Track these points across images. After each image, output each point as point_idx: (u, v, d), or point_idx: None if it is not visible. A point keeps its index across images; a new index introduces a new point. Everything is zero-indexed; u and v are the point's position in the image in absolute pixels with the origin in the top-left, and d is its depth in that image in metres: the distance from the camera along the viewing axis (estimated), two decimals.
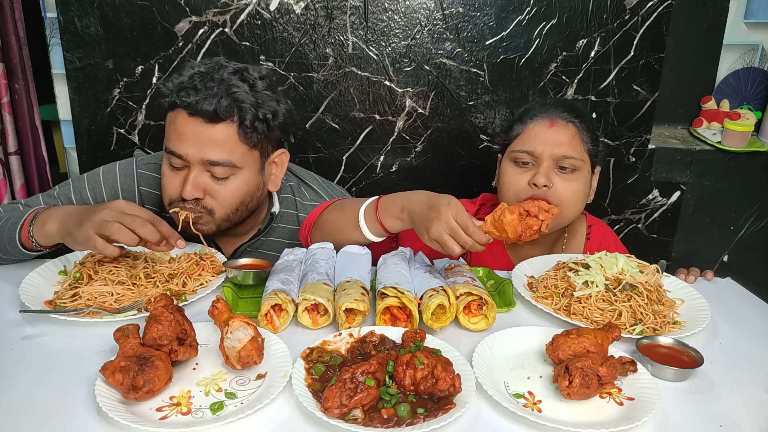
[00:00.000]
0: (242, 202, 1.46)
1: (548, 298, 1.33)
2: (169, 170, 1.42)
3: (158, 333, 1.00)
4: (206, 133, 1.35)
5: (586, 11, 2.11)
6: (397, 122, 2.23)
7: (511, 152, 1.58)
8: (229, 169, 1.40)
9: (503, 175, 1.60)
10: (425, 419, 0.92)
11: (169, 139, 1.39)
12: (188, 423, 0.90)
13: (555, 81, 2.19)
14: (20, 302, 1.21)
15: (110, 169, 1.58)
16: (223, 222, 1.46)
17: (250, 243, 1.62)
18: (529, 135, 1.55)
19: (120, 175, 1.56)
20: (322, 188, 1.69)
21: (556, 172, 1.53)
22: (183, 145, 1.37)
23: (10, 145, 2.25)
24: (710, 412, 1.01)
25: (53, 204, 1.52)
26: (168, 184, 1.42)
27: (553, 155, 1.52)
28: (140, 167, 1.58)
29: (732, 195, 2.39)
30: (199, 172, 1.38)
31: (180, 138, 1.37)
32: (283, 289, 1.21)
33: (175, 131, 1.38)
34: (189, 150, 1.36)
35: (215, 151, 1.36)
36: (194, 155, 1.36)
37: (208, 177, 1.40)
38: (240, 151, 1.40)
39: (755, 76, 2.55)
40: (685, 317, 1.30)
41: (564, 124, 1.54)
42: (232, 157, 1.39)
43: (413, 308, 1.18)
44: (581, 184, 1.55)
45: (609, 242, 1.73)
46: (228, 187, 1.41)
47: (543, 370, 1.10)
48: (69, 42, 2.06)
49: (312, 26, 2.09)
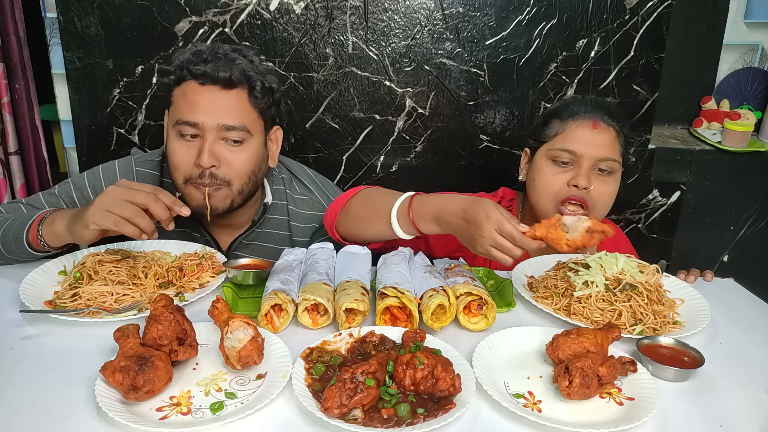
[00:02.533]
0: (253, 171, 1.49)
1: (548, 298, 1.33)
2: (180, 144, 1.43)
3: (158, 333, 1.00)
4: (221, 99, 1.40)
5: (586, 11, 2.11)
6: (397, 122, 2.23)
7: (550, 150, 1.58)
8: (243, 134, 1.43)
9: (540, 173, 1.59)
10: (425, 419, 0.92)
11: (181, 111, 1.41)
12: (188, 423, 0.90)
13: (555, 81, 2.19)
14: (20, 302, 1.21)
15: (110, 167, 1.61)
16: (237, 195, 1.48)
17: (245, 235, 1.62)
18: (570, 135, 1.56)
19: (120, 172, 1.59)
20: (313, 183, 1.70)
21: (595, 173, 1.54)
22: (198, 113, 1.39)
23: (10, 145, 2.25)
24: (710, 412, 1.01)
25: (54, 202, 1.57)
26: (181, 159, 1.43)
27: (594, 157, 1.53)
28: (138, 165, 1.61)
29: (732, 195, 2.39)
30: (214, 139, 1.41)
31: (194, 107, 1.39)
32: (283, 289, 1.21)
33: (186, 102, 1.41)
34: (205, 117, 1.39)
35: (230, 115, 1.41)
36: (210, 121, 1.39)
37: (223, 145, 1.43)
38: (251, 117, 1.45)
39: (755, 76, 2.55)
40: (685, 317, 1.30)
41: (605, 127, 1.55)
42: (246, 122, 1.43)
43: (413, 308, 1.18)
44: (615, 187, 1.58)
45: (621, 243, 1.73)
46: (241, 155, 1.45)
47: (543, 370, 1.10)
48: (69, 42, 2.06)
49: (312, 26, 2.09)
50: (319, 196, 1.68)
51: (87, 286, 1.26)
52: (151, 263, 1.36)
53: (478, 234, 1.16)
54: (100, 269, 1.30)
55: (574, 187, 1.52)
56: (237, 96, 1.42)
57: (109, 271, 1.30)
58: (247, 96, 1.44)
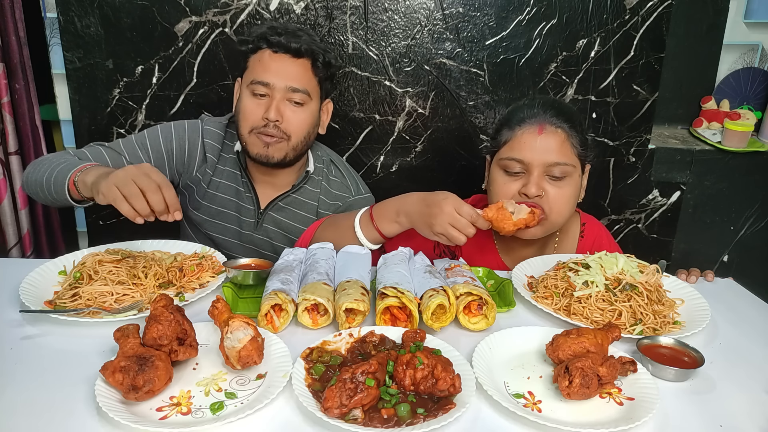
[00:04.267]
0: (308, 132, 1.72)
1: (548, 298, 1.33)
2: (252, 101, 1.67)
3: (158, 333, 1.00)
4: (290, 65, 1.65)
5: (586, 11, 2.11)
6: (397, 122, 2.23)
7: (500, 159, 1.54)
8: (305, 96, 1.67)
9: (493, 183, 1.57)
10: (425, 419, 0.92)
11: (256, 73, 1.66)
12: (188, 423, 0.90)
13: (555, 81, 2.19)
14: (20, 302, 1.21)
15: (180, 124, 1.80)
16: (292, 150, 1.70)
17: (283, 197, 1.80)
18: (518, 142, 1.51)
19: (188, 129, 1.78)
20: (347, 171, 1.91)
21: (547, 179, 1.50)
22: (270, 75, 1.64)
23: (10, 145, 2.25)
24: (710, 412, 1.01)
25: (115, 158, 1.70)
26: (251, 111, 1.67)
27: (543, 163, 1.48)
28: (206, 124, 1.81)
29: (732, 195, 2.39)
30: (281, 98, 1.65)
31: (267, 70, 1.65)
32: (283, 289, 1.21)
33: (261, 66, 1.66)
34: (275, 78, 1.64)
35: (296, 80, 1.65)
36: (280, 83, 1.64)
37: (287, 104, 1.66)
38: (312, 83, 1.69)
39: (755, 76, 2.55)
40: (685, 317, 1.30)
41: (553, 131, 1.49)
42: (308, 87, 1.67)
43: (413, 308, 1.18)
44: (572, 189, 1.53)
45: (602, 240, 1.72)
46: (301, 115, 1.68)
47: (543, 370, 1.10)
48: (69, 42, 2.06)
49: (312, 26, 2.09)
50: (349, 181, 1.88)
51: (87, 286, 1.26)
52: (151, 263, 1.36)
53: (438, 212, 1.35)
54: (100, 269, 1.30)
55: (525, 195, 1.50)
56: (303, 64, 1.67)
57: (109, 271, 1.30)
58: (311, 66, 1.68)
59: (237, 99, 1.75)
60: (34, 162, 1.64)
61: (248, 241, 1.81)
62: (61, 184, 1.46)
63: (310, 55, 1.67)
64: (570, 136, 1.50)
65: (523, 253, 1.65)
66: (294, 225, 1.80)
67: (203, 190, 1.79)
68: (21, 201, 2.31)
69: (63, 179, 1.46)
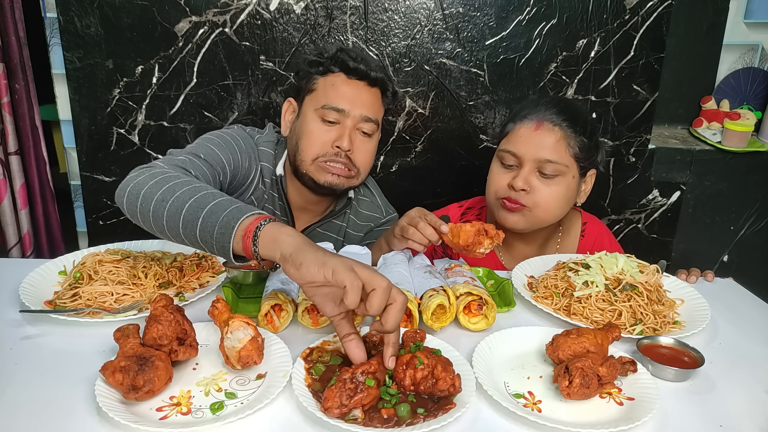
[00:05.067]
0: (372, 163, 1.68)
1: (548, 298, 1.33)
2: (320, 127, 1.57)
3: (158, 333, 1.00)
4: (365, 93, 1.59)
5: (586, 11, 2.11)
6: (397, 122, 2.23)
7: (499, 151, 1.59)
8: (374, 127, 1.61)
9: (490, 172, 1.61)
10: (425, 419, 0.92)
11: (328, 98, 1.57)
12: (188, 423, 0.90)
13: (555, 81, 2.19)
14: (20, 302, 1.21)
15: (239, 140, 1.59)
16: (357, 183, 1.66)
17: (320, 223, 1.75)
18: (515, 136, 1.54)
19: (247, 148, 1.62)
20: (375, 188, 1.85)
21: (537, 175, 1.51)
22: (345, 101, 1.56)
23: (10, 145, 2.25)
24: (710, 412, 1.01)
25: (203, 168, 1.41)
26: (320, 139, 1.57)
27: (535, 159, 1.50)
28: (260, 144, 1.68)
29: (732, 195, 2.39)
30: (352, 127, 1.57)
31: (342, 96, 1.56)
32: (283, 289, 1.21)
33: (335, 90, 1.57)
34: (351, 106, 1.56)
35: (370, 109, 1.59)
36: (355, 110, 1.56)
37: (357, 134, 1.59)
38: (380, 114, 1.65)
39: (755, 76, 2.55)
40: (685, 317, 1.30)
41: (550, 128, 1.50)
42: (378, 117, 1.63)
43: (413, 308, 1.18)
44: (562, 189, 1.52)
45: (604, 240, 1.72)
46: (369, 146, 1.63)
47: (543, 370, 1.10)
48: (69, 42, 2.06)
49: (312, 26, 2.09)
50: (379, 201, 1.83)
51: (87, 286, 1.26)
52: (151, 263, 1.36)
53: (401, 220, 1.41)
54: (100, 269, 1.30)
55: (512, 188, 1.51)
56: (375, 93, 1.62)
57: (109, 271, 1.30)
58: (381, 95, 1.63)
59: (289, 120, 1.67)
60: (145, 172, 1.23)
61: None
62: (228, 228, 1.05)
63: (382, 84, 1.62)
64: (567, 135, 1.50)
65: (524, 252, 1.65)
66: None
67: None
68: (21, 201, 2.31)
69: (231, 223, 1.05)
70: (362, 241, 1.79)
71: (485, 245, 1.33)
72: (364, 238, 1.81)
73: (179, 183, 1.18)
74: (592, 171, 1.61)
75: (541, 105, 1.55)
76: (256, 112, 2.19)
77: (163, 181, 1.19)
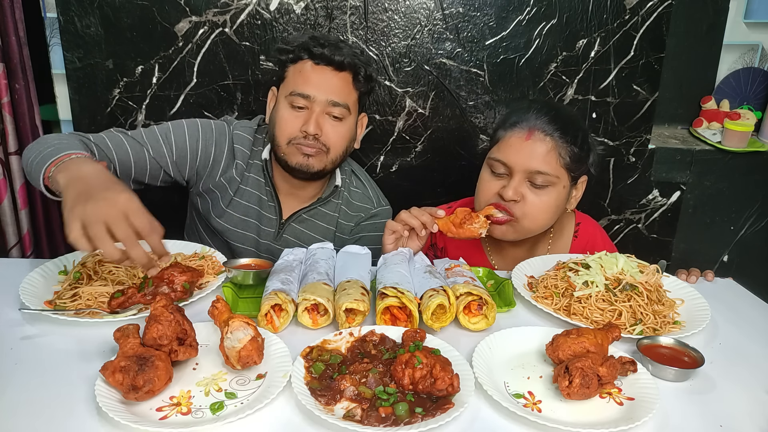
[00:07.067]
0: (346, 146, 1.69)
1: (548, 298, 1.33)
2: (290, 113, 1.62)
3: (158, 333, 1.00)
4: (332, 78, 1.61)
5: (586, 11, 2.11)
6: (397, 122, 2.23)
7: (489, 158, 1.56)
8: (344, 111, 1.63)
9: (480, 179, 1.59)
10: (423, 418, 0.92)
11: (296, 84, 1.61)
12: (188, 423, 0.90)
13: (555, 81, 2.19)
14: (20, 302, 1.21)
15: (207, 123, 1.72)
16: (330, 163, 1.67)
17: (307, 209, 1.77)
18: (506, 144, 1.51)
19: (216, 131, 1.72)
20: (368, 182, 1.88)
21: (528, 185, 1.49)
22: (311, 87, 1.59)
23: (10, 145, 2.25)
24: (710, 412, 1.01)
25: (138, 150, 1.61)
26: (289, 123, 1.62)
27: (525, 169, 1.48)
28: (236, 129, 1.75)
29: (732, 195, 2.39)
30: (320, 112, 1.60)
31: (308, 82, 1.60)
32: (283, 289, 1.21)
33: (302, 77, 1.61)
34: (316, 91, 1.59)
35: (337, 93, 1.61)
36: (321, 96, 1.59)
37: (327, 118, 1.62)
38: (352, 98, 1.65)
39: (755, 76, 2.55)
40: (685, 317, 1.30)
41: (541, 138, 1.47)
42: (348, 101, 1.63)
43: (413, 308, 1.18)
44: (552, 198, 1.51)
45: (597, 240, 1.71)
46: (340, 129, 1.64)
47: (543, 370, 1.10)
48: (69, 42, 2.06)
49: (312, 26, 2.09)
50: (371, 192, 1.86)
51: (87, 286, 1.26)
52: None
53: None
54: (100, 269, 1.30)
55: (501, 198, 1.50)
56: (344, 78, 1.63)
57: (109, 271, 1.30)
58: (352, 79, 1.64)
59: (271, 108, 1.71)
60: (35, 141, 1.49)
61: (266, 251, 1.77)
62: (37, 173, 1.30)
63: (352, 68, 1.63)
64: (559, 146, 1.48)
65: (513, 254, 1.65)
66: (314, 237, 1.77)
67: (229, 198, 1.74)
68: (21, 201, 2.31)
69: (40, 169, 1.30)
70: (352, 231, 1.82)
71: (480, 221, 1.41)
72: (354, 229, 1.82)
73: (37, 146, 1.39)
74: (584, 178, 1.59)
75: (533, 111, 1.51)
76: (256, 112, 2.19)
77: (32, 148, 1.41)
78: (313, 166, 1.64)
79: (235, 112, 2.18)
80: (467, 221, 1.41)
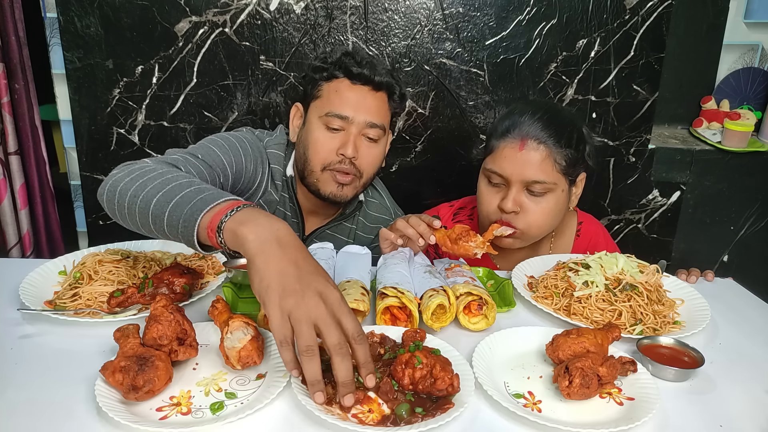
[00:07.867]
0: (377, 168, 1.66)
1: (548, 298, 1.33)
2: (325, 135, 1.56)
3: (158, 333, 1.00)
4: (369, 98, 1.56)
5: (586, 11, 2.11)
6: (397, 122, 2.23)
7: (485, 168, 1.55)
8: (380, 132, 1.59)
9: (479, 190, 1.58)
10: (423, 419, 0.92)
11: (331, 104, 1.55)
12: (188, 423, 0.90)
13: (555, 81, 2.19)
14: (20, 302, 1.21)
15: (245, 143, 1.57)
16: (360, 188, 1.64)
17: (329, 225, 1.74)
18: (499, 155, 1.50)
19: (252, 151, 1.59)
20: (383, 190, 1.84)
21: (526, 194, 1.49)
22: (348, 108, 1.54)
23: (10, 145, 2.25)
24: (710, 412, 1.01)
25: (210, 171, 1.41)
26: (325, 146, 1.56)
27: (522, 180, 1.47)
28: (269, 147, 1.65)
29: (732, 195, 2.39)
30: (357, 134, 1.55)
31: (345, 102, 1.54)
32: None
33: (339, 97, 1.55)
34: (354, 112, 1.54)
35: (375, 114, 1.56)
36: (359, 117, 1.54)
37: (363, 140, 1.57)
38: (387, 118, 1.61)
39: (755, 76, 2.55)
40: (685, 317, 1.30)
41: (535, 146, 1.46)
42: (385, 122, 1.60)
43: (413, 308, 1.18)
44: (552, 204, 1.51)
45: (599, 239, 1.71)
46: (375, 151, 1.60)
47: (543, 370, 1.10)
48: (69, 42, 2.06)
49: (312, 26, 2.09)
50: (388, 202, 1.83)
51: (87, 286, 1.26)
52: (151, 263, 1.36)
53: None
54: (100, 269, 1.30)
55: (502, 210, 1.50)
56: (381, 98, 1.59)
57: (109, 271, 1.30)
58: (387, 99, 1.61)
59: (297, 126, 1.66)
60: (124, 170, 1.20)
61: None
62: (191, 222, 1.03)
63: (389, 88, 1.59)
64: (553, 152, 1.47)
65: (516, 253, 1.65)
66: None
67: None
68: (21, 201, 2.31)
69: (194, 216, 1.03)
70: (372, 243, 1.77)
71: (477, 241, 1.36)
72: (374, 241, 1.77)
73: (152, 177, 1.15)
74: (582, 175, 1.59)
75: (525, 119, 1.49)
76: (256, 112, 2.19)
77: (138, 177, 1.16)
78: (347, 196, 1.60)
79: (234, 112, 2.18)
80: (463, 238, 1.37)
